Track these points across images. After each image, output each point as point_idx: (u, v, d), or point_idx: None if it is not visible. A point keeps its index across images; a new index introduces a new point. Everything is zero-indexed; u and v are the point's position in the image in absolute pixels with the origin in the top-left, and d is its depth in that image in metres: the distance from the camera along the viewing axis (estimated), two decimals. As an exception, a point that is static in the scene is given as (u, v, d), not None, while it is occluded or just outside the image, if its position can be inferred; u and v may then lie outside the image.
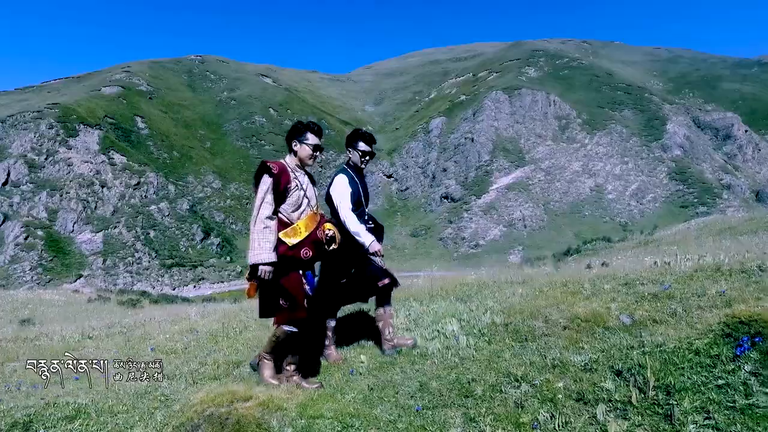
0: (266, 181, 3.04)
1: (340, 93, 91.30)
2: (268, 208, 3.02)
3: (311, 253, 3.09)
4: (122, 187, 50.11)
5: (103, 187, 48.82)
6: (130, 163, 51.90)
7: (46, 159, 47.87)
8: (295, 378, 2.91)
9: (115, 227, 46.79)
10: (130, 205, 49.12)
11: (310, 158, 3.19)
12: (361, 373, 2.88)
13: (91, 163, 50.14)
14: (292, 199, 3.10)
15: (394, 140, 79.05)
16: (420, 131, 78.06)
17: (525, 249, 56.52)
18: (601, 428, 2.02)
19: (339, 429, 2.14)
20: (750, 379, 2.19)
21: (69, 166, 48.72)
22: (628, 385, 2.26)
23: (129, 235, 46.91)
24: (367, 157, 3.68)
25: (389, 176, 74.46)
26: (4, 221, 41.77)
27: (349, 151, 3.67)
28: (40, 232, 42.53)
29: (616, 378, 2.33)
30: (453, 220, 64.76)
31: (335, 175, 3.59)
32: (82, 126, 51.75)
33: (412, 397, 2.40)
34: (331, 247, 3.20)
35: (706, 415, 2.01)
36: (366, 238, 3.42)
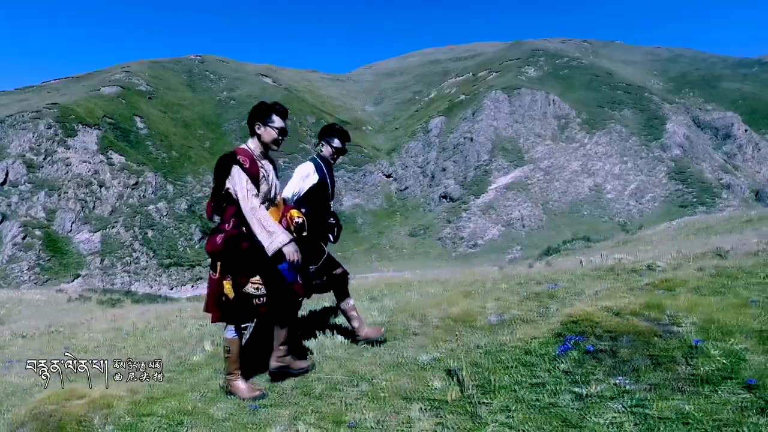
0: (242, 176, 2.88)
1: (340, 93, 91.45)
2: (254, 199, 2.86)
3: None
4: (120, 187, 50.43)
5: (101, 187, 49.15)
6: (129, 163, 52.22)
7: (44, 159, 48.24)
8: (287, 358, 2.82)
9: (113, 227, 47.11)
10: (129, 205, 49.44)
11: (274, 142, 3.04)
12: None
13: (90, 163, 50.48)
14: (260, 191, 2.96)
15: (393, 140, 79.14)
16: (419, 131, 78.13)
17: (523, 249, 56.52)
18: (410, 426, 2.11)
19: (166, 427, 2.25)
20: (561, 378, 2.30)
21: (67, 166, 49.07)
22: (452, 384, 2.37)
23: (127, 234, 47.22)
24: (339, 154, 3.67)
25: (388, 176, 74.55)
26: (2, 221, 42.18)
27: (322, 144, 3.64)
28: (38, 232, 42.90)
29: (446, 377, 2.44)
30: (452, 220, 64.82)
31: (303, 162, 3.56)
32: (80, 126, 52.10)
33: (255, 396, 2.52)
34: (302, 234, 3.08)
35: (508, 413, 2.11)
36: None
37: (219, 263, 2.85)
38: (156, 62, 73.20)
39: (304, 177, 3.44)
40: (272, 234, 2.80)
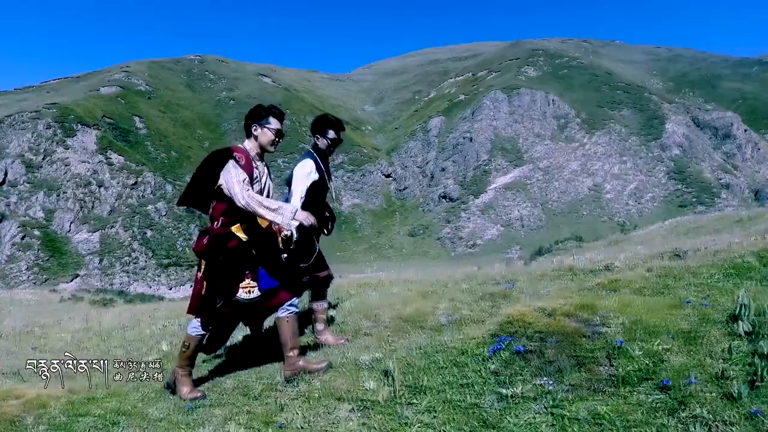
0: (238, 170, 2.85)
1: (340, 92, 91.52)
2: (250, 189, 2.82)
3: (264, 250, 2.92)
4: (119, 187, 50.55)
5: (100, 186, 49.27)
6: (128, 163, 52.35)
7: (43, 159, 48.39)
8: (300, 363, 2.77)
9: (112, 227, 47.24)
10: (127, 205, 49.55)
11: (271, 144, 3.02)
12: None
13: (89, 162, 50.60)
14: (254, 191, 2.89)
15: (393, 140, 79.15)
16: (419, 131, 78.13)
17: (523, 249, 56.50)
18: (336, 426, 2.15)
19: (100, 427, 2.30)
20: (489, 379, 2.35)
21: (66, 166, 49.21)
22: (385, 385, 2.42)
23: (126, 234, 47.34)
24: (335, 146, 3.65)
25: (388, 176, 74.55)
26: (1, 221, 42.34)
27: (317, 138, 3.61)
28: (36, 232, 43.03)
29: (381, 377, 2.48)
30: (451, 220, 64.84)
31: (302, 158, 3.53)
32: (80, 126, 52.23)
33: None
34: (290, 247, 3.04)
35: (433, 414, 2.16)
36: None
37: (204, 263, 2.84)
38: (155, 62, 73.34)
39: (306, 175, 3.43)
40: (280, 208, 2.80)
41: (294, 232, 3.02)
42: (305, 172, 3.44)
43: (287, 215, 2.80)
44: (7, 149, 47.08)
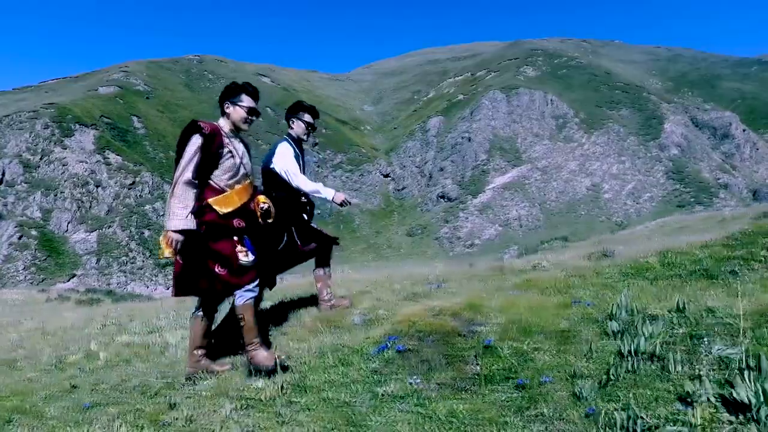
0: (195, 142, 2.81)
1: (339, 92, 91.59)
2: (191, 171, 2.78)
3: (244, 224, 2.93)
4: (117, 187, 50.75)
5: (97, 186, 49.49)
6: (126, 162, 52.55)
7: (41, 159, 48.63)
8: (203, 362, 2.81)
9: (110, 227, 47.44)
10: (125, 205, 49.75)
11: (244, 122, 2.99)
12: (88, 371, 3.14)
13: (86, 162, 50.81)
14: (225, 166, 2.90)
15: (391, 140, 79.19)
16: (418, 131, 78.16)
17: (520, 249, 56.46)
18: (215, 425, 2.24)
19: None
20: (369, 378, 2.45)
21: (64, 165, 49.43)
22: (273, 384, 2.51)
23: (123, 234, 47.54)
24: (311, 130, 3.65)
25: (386, 176, 74.60)
26: (-2, 220, 42.54)
27: (292, 122, 3.62)
28: (33, 232, 43.25)
29: (269, 378, 2.58)
30: (449, 220, 64.88)
31: (277, 144, 3.54)
32: (77, 126, 52.46)
33: (100, 392, 2.67)
34: (266, 221, 3.06)
35: (307, 413, 2.25)
36: (327, 192, 3.44)
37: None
38: (154, 62, 73.56)
39: (291, 155, 3.46)
40: (176, 215, 2.78)
41: (271, 207, 3.05)
42: (289, 152, 3.47)
43: (172, 223, 2.78)
44: (4, 149, 47.33)
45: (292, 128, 3.64)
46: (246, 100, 3.01)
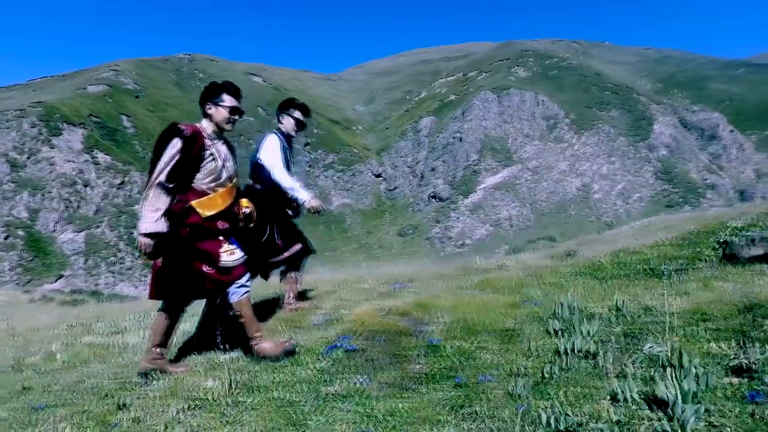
0: (175, 145, 2.76)
1: (331, 92, 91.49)
2: (165, 175, 2.74)
3: (228, 225, 2.92)
4: (106, 187, 50.35)
5: (86, 186, 49.06)
6: (115, 162, 52.14)
7: (28, 158, 48.13)
8: (159, 361, 2.82)
9: (98, 227, 47.06)
10: (114, 205, 49.36)
11: (227, 122, 2.94)
12: (44, 373, 3.15)
13: (75, 162, 50.36)
14: (207, 170, 2.86)
15: (383, 140, 79.23)
16: (409, 131, 78.28)
17: (509, 249, 56.74)
18: (161, 426, 2.26)
19: None
20: (316, 377, 2.49)
21: (51, 165, 48.97)
22: (223, 383, 2.54)
23: (112, 234, 47.19)
24: (300, 128, 3.65)
25: (378, 176, 74.64)
26: (-16, 220, 42.06)
27: (282, 117, 3.60)
28: (20, 232, 42.81)
29: (224, 376, 2.61)
30: (440, 220, 65.07)
31: (266, 135, 3.52)
32: (65, 125, 51.98)
33: (53, 394, 2.69)
34: (248, 225, 3.05)
35: (252, 412, 2.28)
36: (303, 195, 3.39)
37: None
38: (144, 61, 73.03)
39: (278, 148, 3.43)
40: (153, 215, 2.74)
41: (253, 211, 3.04)
42: (276, 145, 3.44)
43: (141, 227, 2.76)
44: (-9, 148, 46.78)
45: (281, 123, 3.64)
46: (228, 100, 2.96)
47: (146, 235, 2.76)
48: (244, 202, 3.10)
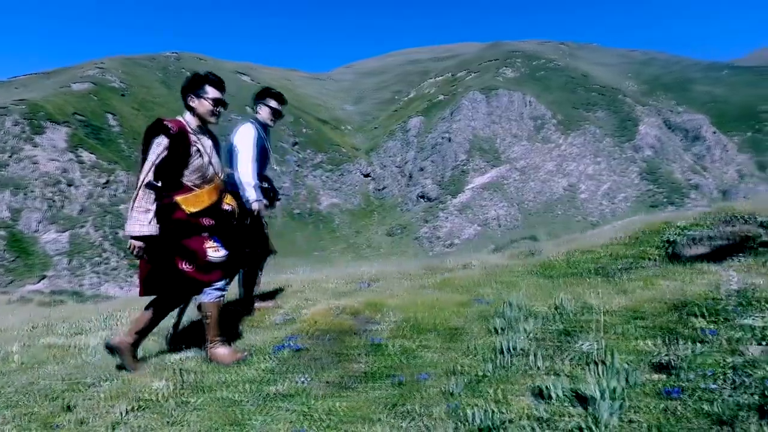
0: (161, 143, 2.71)
1: (320, 92, 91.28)
2: (153, 173, 2.70)
3: (213, 222, 2.88)
4: (90, 186, 49.73)
5: (70, 185, 48.41)
6: (100, 161, 51.52)
7: (10, 157, 47.36)
8: (128, 352, 2.79)
9: (82, 227, 46.47)
10: (99, 204, 48.76)
11: (211, 114, 2.89)
12: (1, 374, 3.14)
13: (58, 161, 49.68)
14: (193, 166, 2.82)
15: (372, 139, 79.23)
16: (398, 130, 78.39)
17: (495, 248, 56.80)
18: (113, 427, 2.27)
19: None
20: (263, 377, 2.51)
21: (34, 164, 48.25)
22: (170, 383, 2.55)
23: (97, 234, 46.63)
24: (277, 117, 3.60)
25: (367, 175, 74.64)
26: (-36, 220, 41.33)
27: (258, 107, 3.57)
28: (2, 232, 42.14)
29: (172, 376, 2.62)
30: (429, 220, 65.26)
31: (241, 124, 3.46)
32: (49, 123, 51.25)
33: (3, 396, 2.68)
34: (232, 221, 3.00)
35: (198, 412, 2.30)
36: (251, 194, 3.30)
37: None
38: (130, 59, 72.25)
39: (252, 138, 3.38)
40: (141, 216, 2.67)
41: (235, 208, 3.00)
42: (250, 135, 3.39)
43: (129, 228, 2.67)
44: (-28, 147, 46.00)
45: (258, 113, 3.61)
46: (211, 91, 2.90)
47: (137, 237, 2.71)
48: (228, 198, 3.06)
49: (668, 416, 1.71)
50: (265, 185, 3.63)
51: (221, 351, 2.79)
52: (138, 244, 2.72)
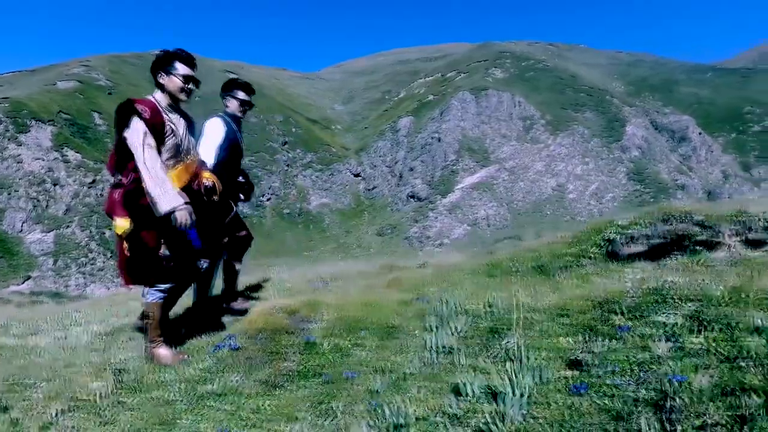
0: (139, 127, 2.65)
1: (309, 91, 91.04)
2: (152, 150, 2.61)
3: None
4: (76, 185, 49.20)
5: (55, 185, 47.85)
6: (86, 160, 50.97)
7: (-7, 156, 46.70)
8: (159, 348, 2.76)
9: (68, 227, 45.96)
10: (85, 204, 48.25)
11: (181, 91, 2.85)
12: None
13: (43, 160, 49.09)
14: (166, 146, 2.74)
15: (362, 139, 79.22)
16: (388, 130, 78.46)
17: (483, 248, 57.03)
18: (45, 428, 2.26)
19: None
20: (199, 376, 2.54)
21: (18, 163, 47.65)
22: (106, 384, 2.56)
23: (83, 235, 46.14)
24: (246, 107, 3.55)
25: (357, 175, 74.61)
26: (-54, 220, 40.71)
27: (226, 100, 3.54)
28: (-15, 232, 41.55)
29: (111, 376, 2.63)
30: (419, 219, 65.38)
31: (210, 116, 3.45)
32: (34, 121, 50.61)
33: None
34: (211, 198, 2.92)
35: (132, 412, 2.32)
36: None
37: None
38: (117, 57, 71.57)
39: (216, 132, 3.36)
40: (165, 193, 2.57)
41: (216, 184, 2.91)
42: (214, 129, 3.36)
43: (163, 204, 2.57)
44: (-46, 146, 45.31)
45: (227, 106, 3.58)
46: (181, 68, 2.85)
47: (182, 206, 2.60)
48: (206, 173, 2.98)
49: (572, 412, 1.76)
50: (241, 179, 3.57)
51: (162, 352, 2.80)
52: (185, 213, 2.60)
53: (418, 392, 2.07)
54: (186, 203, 2.62)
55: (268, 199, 63.97)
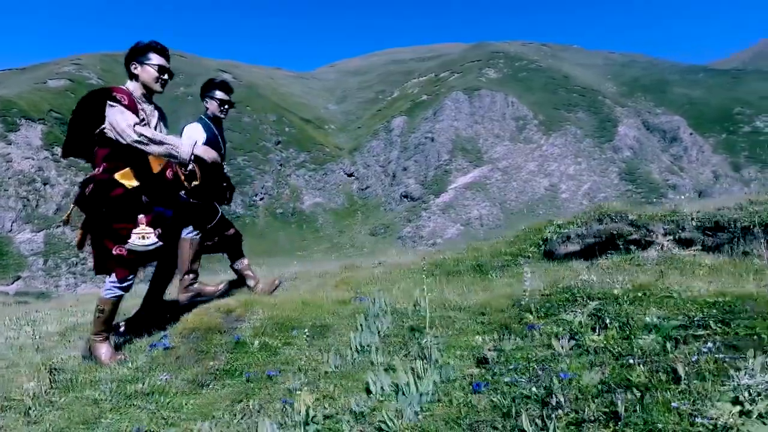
0: (123, 110, 2.67)
1: (303, 91, 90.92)
2: (141, 126, 2.61)
3: (154, 199, 2.79)
4: (67, 185, 48.97)
5: (45, 184, 47.60)
6: (76, 159, 50.76)
7: (-17, 155, 46.37)
8: (195, 285, 2.98)
9: (58, 226, 45.74)
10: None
11: (156, 81, 2.87)
12: None
13: (33, 159, 48.80)
14: None
15: (355, 139, 79.20)
16: (381, 130, 78.48)
17: (478, 247, 57.13)
18: (25, 420, 2.29)
19: None
20: (132, 375, 2.58)
21: (8, 162, 47.36)
22: (40, 383, 2.60)
23: (73, 234, 45.92)
24: (226, 106, 3.60)
25: (350, 175, 74.61)
26: (-66, 220, 40.40)
27: (206, 101, 3.60)
28: (-26, 232, 41.28)
29: (37, 379, 2.67)
30: (412, 219, 65.43)
31: (187, 124, 3.47)
32: (24, 120, 50.31)
33: None
34: (192, 184, 2.90)
35: (62, 411, 2.36)
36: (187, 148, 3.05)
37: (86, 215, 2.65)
38: (108, 55, 71.17)
39: (195, 138, 3.34)
40: (174, 144, 2.62)
41: (197, 169, 2.88)
42: (193, 134, 3.39)
43: (185, 148, 2.64)
44: (-58, 145, 44.98)
45: (207, 109, 3.63)
46: (155, 58, 2.87)
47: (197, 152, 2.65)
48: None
49: (468, 410, 1.83)
50: (224, 183, 3.65)
51: (102, 349, 2.82)
52: (211, 154, 2.69)
53: (333, 390, 2.13)
54: (196, 143, 2.69)
55: (261, 199, 63.88)
